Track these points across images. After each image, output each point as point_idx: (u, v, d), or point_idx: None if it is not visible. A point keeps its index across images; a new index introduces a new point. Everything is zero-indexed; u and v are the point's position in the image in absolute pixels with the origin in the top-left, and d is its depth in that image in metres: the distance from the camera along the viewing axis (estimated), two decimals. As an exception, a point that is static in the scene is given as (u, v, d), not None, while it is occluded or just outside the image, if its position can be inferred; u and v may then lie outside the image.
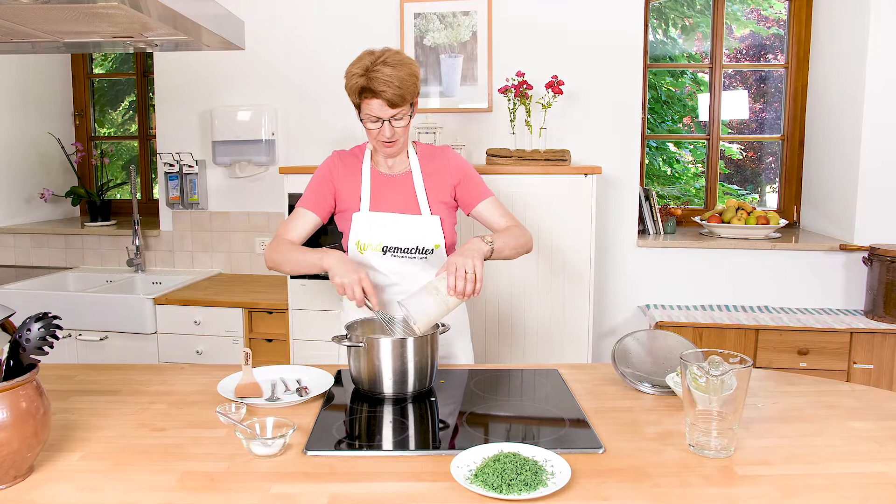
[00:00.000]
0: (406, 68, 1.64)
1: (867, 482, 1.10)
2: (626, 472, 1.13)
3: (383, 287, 1.79)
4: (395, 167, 1.81)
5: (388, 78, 1.61)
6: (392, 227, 1.74)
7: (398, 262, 1.76)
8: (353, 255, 1.77)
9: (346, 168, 1.81)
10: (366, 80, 1.62)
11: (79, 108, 3.84)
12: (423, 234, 1.74)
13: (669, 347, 1.57)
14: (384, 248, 1.74)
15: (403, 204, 1.77)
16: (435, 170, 1.80)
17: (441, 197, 1.79)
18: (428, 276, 1.78)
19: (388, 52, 1.65)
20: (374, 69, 1.62)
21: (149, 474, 1.13)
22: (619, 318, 3.14)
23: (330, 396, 1.48)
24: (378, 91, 1.62)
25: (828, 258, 2.96)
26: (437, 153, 1.84)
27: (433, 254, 1.76)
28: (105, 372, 1.64)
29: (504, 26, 3.01)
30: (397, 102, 1.64)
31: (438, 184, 1.79)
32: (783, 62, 3.33)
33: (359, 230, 1.75)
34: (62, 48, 1.73)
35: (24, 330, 1.11)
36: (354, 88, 1.65)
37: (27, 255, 3.56)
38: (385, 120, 1.66)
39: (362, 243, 1.75)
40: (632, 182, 3.04)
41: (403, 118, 1.68)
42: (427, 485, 1.09)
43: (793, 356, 2.65)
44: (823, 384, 1.55)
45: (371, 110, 1.66)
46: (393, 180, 1.80)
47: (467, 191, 1.81)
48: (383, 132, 1.68)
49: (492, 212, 1.82)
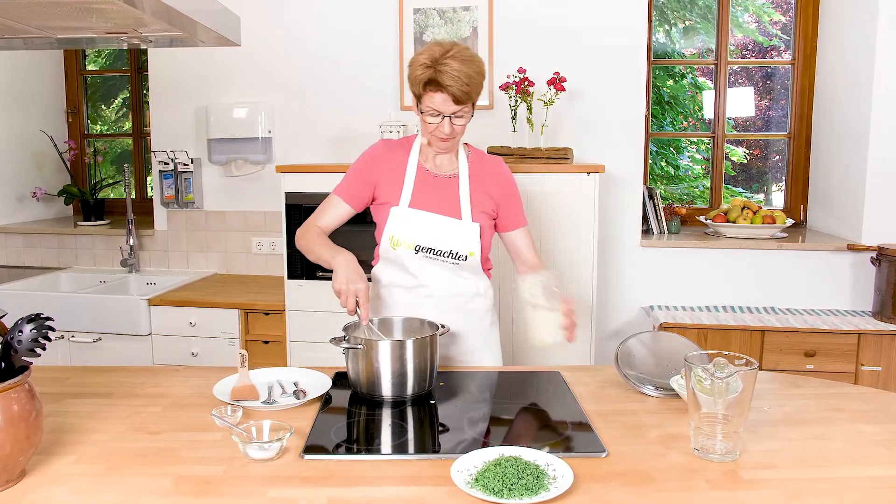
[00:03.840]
0: (474, 65, 1.61)
1: (875, 486, 1.09)
2: (630, 477, 1.11)
3: (410, 288, 1.76)
4: (442, 167, 1.77)
5: (456, 73, 1.58)
6: (429, 227, 1.71)
7: (429, 264, 1.73)
8: (385, 251, 1.74)
9: (391, 159, 1.77)
10: (433, 73, 1.59)
11: (72, 105, 3.81)
12: (459, 239, 1.71)
13: (673, 349, 1.55)
14: (417, 247, 1.71)
15: (445, 205, 1.73)
16: (483, 178, 1.77)
17: (483, 206, 1.76)
18: (458, 283, 1.75)
19: (458, 47, 1.62)
20: (442, 62, 1.58)
21: (143, 478, 1.11)
22: (622, 320, 3.13)
23: (328, 399, 1.46)
24: (445, 85, 1.59)
25: (835, 258, 2.95)
26: (489, 161, 1.81)
27: (466, 261, 1.72)
28: (99, 374, 1.63)
29: (505, 22, 3.00)
30: (462, 99, 1.61)
31: (484, 193, 1.76)
32: (789, 59, 3.31)
33: (394, 225, 1.72)
34: (55, 44, 1.72)
35: (16, 331, 1.09)
36: (420, 79, 1.62)
37: (19, 255, 3.53)
38: (446, 116, 1.63)
39: (396, 239, 1.71)
40: (635, 181, 3.02)
41: (464, 116, 1.66)
42: (427, 489, 1.07)
43: (799, 358, 2.64)
44: (830, 387, 1.54)
45: (433, 104, 1.63)
46: (438, 180, 1.76)
47: (508, 211, 1.79)
48: (442, 128, 1.65)
49: (525, 242, 1.81)
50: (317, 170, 2.68)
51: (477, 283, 1.79)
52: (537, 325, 1.41)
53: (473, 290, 1.78)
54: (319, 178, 2.65)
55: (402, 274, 1.75)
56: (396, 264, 1.75)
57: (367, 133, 3.07)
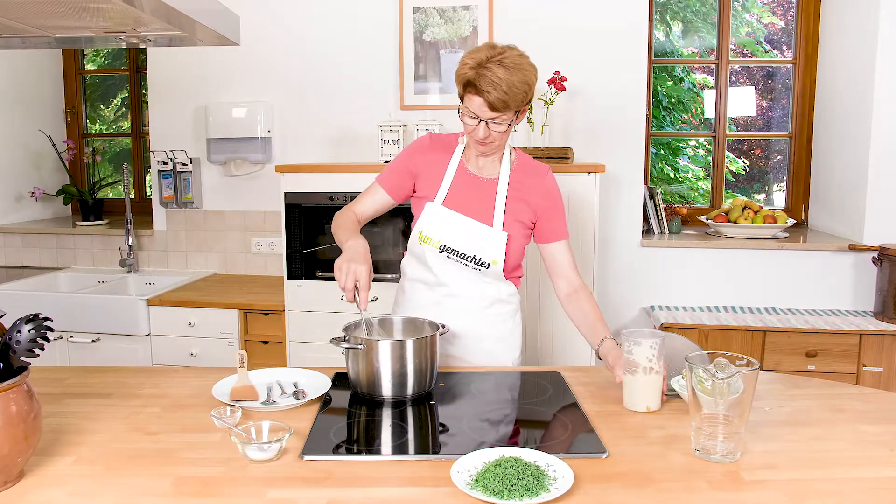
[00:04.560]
0: (520, 74, 1.56)
1: (877, 487, 1.08)
2: (631, 478, 1.11)
3: (431, 285, 1.74)
4: (484, 169, 1.74)
5: (498, 80, 1.53)
6: (457, 228, 1.69)
7: (451, 265, 1.71)
8: (413, 245, 1.73)
9: (434, 154, 1.75)
10: (474, 75, 1.55)
11: (70, 104, 3.81)
12: (484, 245, 1.68)
13: (674, 350, 1.54)
14: (442, 246, 1.69)
15: (478, 209, 1.70)
16: (525, 187, 1.73)
17: (520, 216, 1.72)
18: (479, 286, 1.73)
19: (509, 52, 1.57)
20: (486, 65, 1.54)
21: (142, 479, 1.11)
22: (622, 320, 3.12)
23: (327, 400, 1.46)
24: (482, 90, 1.54)
25: (836, 258, 2.94)
26: (534, 170, 1.76)
27: (489, 269, 1.70)
28: (97, 375, 1.62)
29: (505, 21, 2.99)
30: (499, 107, 1.56)
31: (522, 201, 1.72)
32: (791, 58, 3.31)
33: (426, 221, 1.70)
34: (53, 44, 1.71)
35: (15, 332, 1.09)
36: (461, 79, 1.59)
37: (17, 255, 3.52)
38: (483, 120, 1.59)
39: (425, 235, 1.70)
40: (636, 180, 3.02)
41: (503, 123, 1.60)
42: (427, 490, 1.07)
43: (801, 358, 2.63)
44: (832, 387, 1.54)
45: (471, 106, 1.59)
46: (477, 182, 1.73)
47: (550, 224, 1.74)
48: (477, 131, 1.61)
49: (565, 256, 1.75)
50: (316, 169, 2.68)
51: (500, 288, 1.76)
52: (647, 390, 1.39)
53: (495, 294, 1.75)
54: (319, 178, 2.64)
55: (424, 270, 1.74)
56: (421, 260, 1.74)
57: (366, 133, 3.07)
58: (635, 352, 1.37)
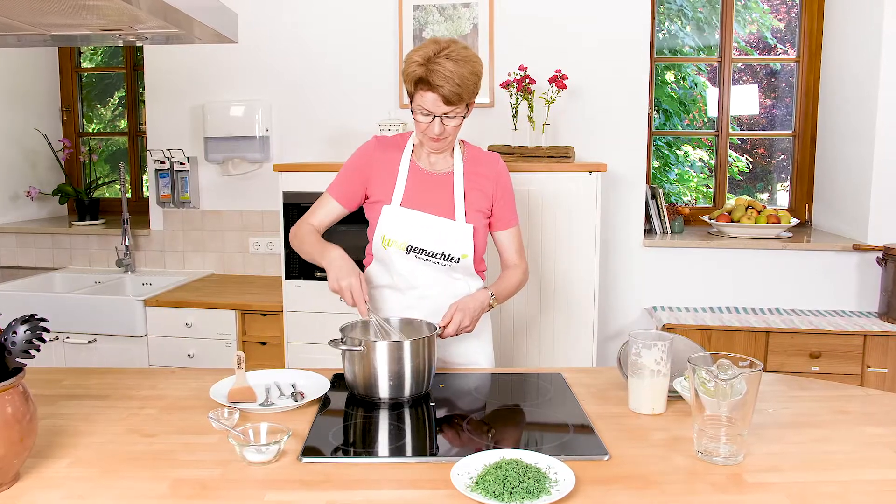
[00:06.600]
0: (469, 66, 1.58)
1: (881, 489, 1.07)
2: (632, 480, 1.10)
3: (402, 290, 1.74)
4: (436, 165, 1.75)
5: (449, 73, 1.55)
6: (421, 227, 1.69)
7: (420, 265, 1.71)
8: (377, 250, 1.73)
9: (383, 157, 1.75)
10: (424, 71, 1.57)
11: (66, 103, 3.79)
12: (452, 240, 1.69)
13: (677, 351, 1.53)
14: (409, 247, 1.69)
15: (438, 205, 1.71)
16: (479, 176, 1.75)
17: (478, 205, 1.73)
18: (450, 284, 1.73)
19: (454, 46, 1.59)
20: (435, 61, 1.56)
21: (139, 482, 1.10)
22: (624, 320, 3.11)
23: (326, 401, 1.45)
24: (435, 85, 1.56)
25: (840, 258, 2.93)
26: (485, 160, 1.78)
27: (459, 263, 1.70)
28: (93, 376, 1.61)
29: (505, 19, 2.98)
30: (453, 100, 1.58)
31: (479, 192, 1.74)
32: (794, 56, 3.29)
33: (386, 225, 1.70)
34: (49, 41, 1.70)
35: (10, 333, 1.09)
36: (411, 77, 1.60)
37: (13, 255, 3.51)
38: (437, 116, 1.61)
39: (388, 239, 1.69)
40: (638, 180, 3.00)
41: (456, 117, 1.63)
42: (426, 492, 1.06)
43: (804, 359, 2.62)
44: (836, 388, 1.53)
45: (424, 103, 1.60)
46: (432, 178, 1.74)
47: (500, 211, 1.77)
48: (432, 128, 1.63)
49: (511, 243, 1.79)
50: (315, 168, 2.66)
51: (469, 284, 1.76)
52: (653, 393, 1.38)
53: (465, 291, 1.76)
54: (317, 177, 2.63)
55: (393, 275, 1.73)
56: (387, 265, 1.73)
57: (365, 131, 3.05)
58: (644, 355, 1.36)
